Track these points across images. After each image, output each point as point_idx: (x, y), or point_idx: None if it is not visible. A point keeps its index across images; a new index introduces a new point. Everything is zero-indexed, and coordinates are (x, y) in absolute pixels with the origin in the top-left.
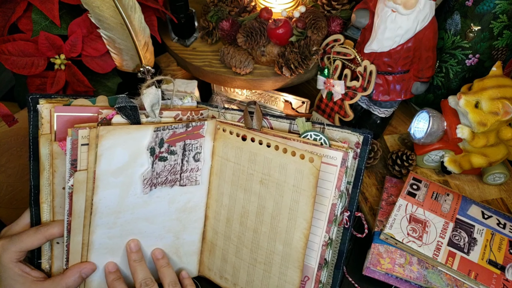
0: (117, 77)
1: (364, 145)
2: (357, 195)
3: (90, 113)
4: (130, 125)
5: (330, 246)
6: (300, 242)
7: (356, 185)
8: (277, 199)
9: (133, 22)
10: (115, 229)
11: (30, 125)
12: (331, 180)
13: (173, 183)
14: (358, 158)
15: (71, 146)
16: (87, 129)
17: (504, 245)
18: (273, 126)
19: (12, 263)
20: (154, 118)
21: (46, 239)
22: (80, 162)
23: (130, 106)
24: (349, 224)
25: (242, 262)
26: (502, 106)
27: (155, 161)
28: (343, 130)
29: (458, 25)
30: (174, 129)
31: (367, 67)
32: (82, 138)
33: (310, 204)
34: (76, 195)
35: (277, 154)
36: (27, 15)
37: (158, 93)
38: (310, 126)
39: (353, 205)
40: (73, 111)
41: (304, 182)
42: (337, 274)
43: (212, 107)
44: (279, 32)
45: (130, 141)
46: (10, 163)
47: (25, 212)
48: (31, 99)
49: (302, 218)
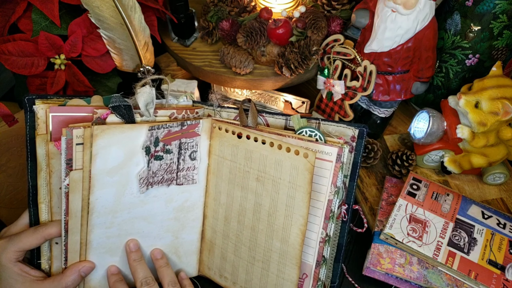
0: (117, 77)
1: (360, 138)
2: (354, 188)
3: (85, 113)
4: (124, 124)
5: (328, 242)
6: (297, 238)
7: (352, 178)
8: (274, 196)
9: (133, 22)
10: (113, 228)
11: (26, 126)
12: (326, 176)
13: (170, 182)
14: (354, 151)
15: (66, 145)
16: (82, 128)
17: (504, 245)
18: (269, 123)
19: (12, 263)
20: (149, 117)
21: (44, 239)
22: (76, 161)
23: (124, 105)
24: (347, 217)
25: (241, 261)
26: (502, 106)
27: (151, 160)
28: (338, 124)
29: (458, 25)
30: (169, 128)
31: (367, 67)
32: (77, 137)
33: (306, 200)
34: (72, 195)
35: (272, 150)
36: (27, 15)
37: (152, 92)
38: (305, 122)
39: (351, 198)
40: (68, 111)
41: (300, 178)
42: (336, 267)
43: (207, 106)
44: (279, 32)
45: (125, 140)
46: (11, 163)
47: (24, 212)
48: (27, 100)
49: (298, 214)
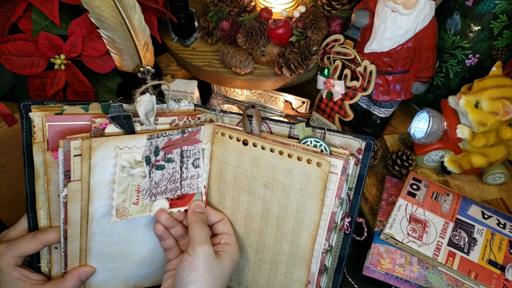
0: (117, 77)
1: (367, 151)
2: (358, 201)
3: (83, 122)
4: (123, 135)
5: (330, 252)
6: (308, 242)
7: (357, 191)
8: (283, 202)
9: (133, 22)
10: (113, 236)
11: (23, 132)
12: (331, 188)
13: (174, 192)
14: (360, 164)
15: (64, 157)
16: (80, 140)
17: (504, 245)
18: (272, 131)
19: (11, 268)
20: (149, 126)
21: (43, 245)
22: (74, 172)
23: (124, 115)
24: (349, 230)
25: (247, 262)
26: (502, 106)
27: (152, 170)
28: (345, 136)
29: (458, 25)
30: (169, 136)
31: (367, 67)
32: (75, 149)
33: (318, 207)
34: (71, 205)
35: (281, 159)
36: (27, 15)
37: (152, 100)
38: (310, 132)
39: (355, 211)
40: (65, 120)
41: (312, 186)
42: (337, 278)
43: (209, 111)
44: (279, 32)
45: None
46: (11, 163)
47: (23, 216)
48: (23, 106)
49: (309, 219)
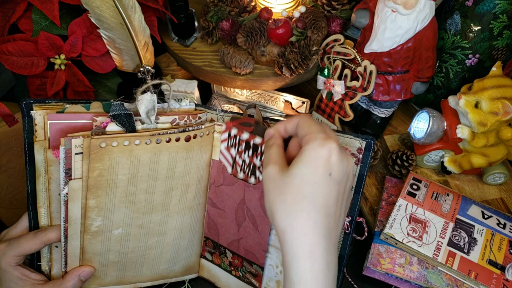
0: (117, 77)
1: (367, 150)
2: (358, 201)
3: (84, 120)
4: (124, 133)
5: None
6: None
7: (357, 191)
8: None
9: (133, 22)
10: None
11: (24, 131)
12: None
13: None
14: (360, 164)
15: (65, 155)
16: (81, 138)
17: (504, 245)
18: None
19: (11, 267)
20: (150, 125)
21: (44, 244)
22: (75, 170)
23: (125, 113)
24: (350, 229)
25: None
26: (502, 106)
27: None
28: (345, 135)
29: (458, 25)
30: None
31: (367, 67)
32: (76, 147)
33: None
34: (72, 203)
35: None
36: (27, 15)
37: (153, 98)
38: None
39: (355, 211)
40: (66, 118)
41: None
42: (338, 276)
43: (210, 110)
44: (279, 32)
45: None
46: (11, 163)
47: (24, 215)
48: (25, 104)
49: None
